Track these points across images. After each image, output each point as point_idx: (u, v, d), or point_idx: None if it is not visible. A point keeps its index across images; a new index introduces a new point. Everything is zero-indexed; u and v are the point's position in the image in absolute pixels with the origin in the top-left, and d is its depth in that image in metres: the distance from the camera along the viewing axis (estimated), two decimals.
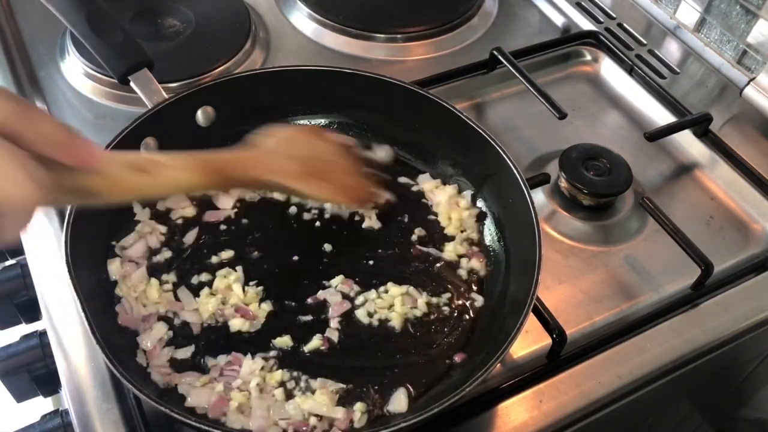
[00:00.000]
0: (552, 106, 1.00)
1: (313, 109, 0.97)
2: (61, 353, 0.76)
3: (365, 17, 1.19)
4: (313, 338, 0.77)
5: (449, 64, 1.12)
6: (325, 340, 0.77)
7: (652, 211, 0.90)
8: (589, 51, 1.18)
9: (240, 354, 0.75)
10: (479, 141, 0.87)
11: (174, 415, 0.64)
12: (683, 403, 1.00)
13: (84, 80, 1.06)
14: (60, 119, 1.01)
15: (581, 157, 0.96)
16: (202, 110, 0.90)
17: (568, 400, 0.76)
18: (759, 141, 1.05)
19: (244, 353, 0.75)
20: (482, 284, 0.84)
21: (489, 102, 1.11)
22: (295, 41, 1.17)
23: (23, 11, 1.17)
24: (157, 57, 0.90)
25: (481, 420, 0.75)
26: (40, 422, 0.77)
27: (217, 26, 1.14)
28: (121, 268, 0.80)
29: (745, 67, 1.13)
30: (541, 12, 1.27)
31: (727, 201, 0.99)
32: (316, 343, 0.77)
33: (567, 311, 0.84)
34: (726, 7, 1.12)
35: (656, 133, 1.01)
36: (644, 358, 0.80)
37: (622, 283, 0.89)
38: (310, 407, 0.71)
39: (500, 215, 0.87)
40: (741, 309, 0.86)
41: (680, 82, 1.14)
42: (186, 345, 0.76)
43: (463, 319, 0.81)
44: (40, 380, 0.82)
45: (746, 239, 0.95)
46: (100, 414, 0.72)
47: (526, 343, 0.81)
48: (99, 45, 0.87)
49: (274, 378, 0.73)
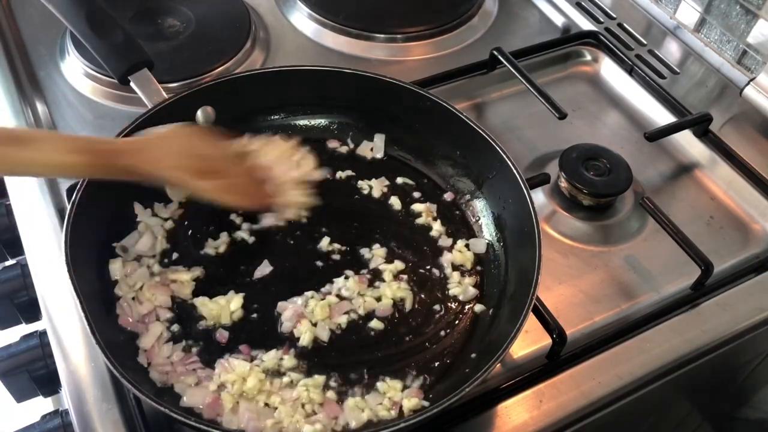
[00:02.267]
0: (552, 106, 1.00)
1: (313, 109, 0.97)
2: (61, 353, 0.76)
3: (365, 17, 1.19)
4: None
5: (449, 64, 1.12)
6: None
7: (652, 211, 0.90)
8: (589, 51, 1.18)
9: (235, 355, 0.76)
10: (479, 141, 0.87)
11: (173, 416, 0.64)
12: (683, 403, 1.00)
13: (84, 80, 1.06)
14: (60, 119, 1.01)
15: (581, 157, 0.96)
16: (202, 110, 0.90)
17: (568, 400, 0.76)
18: (759, 141, 1.05)
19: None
20: (482, 284, 0.84)
21: (489, 102, 1.11)
22: (295, 41, 1.17)
23: (23, 11, 1.17)
24: (157, 57, 0.90)
25: (481, 420, 0.75)
26: (40, 422, 0.77)
27: (217, 26, 1.14)
28: (123, 268, 0.80)
29: (745, 67, 1.13)
30: (541, 12, 1.27)
31: (727, 201, 0.99)
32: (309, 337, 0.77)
33: (567, 311, 0.84)
34: (726, 7, 1.12)
35: (656, 133, 1.01)
36: (644, 358, 0.80)
37: (622, 283, 0.89)
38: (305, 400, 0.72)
39: (500, 215, 0.87)
40: (741, 309, 0.86)
41: (680, 82, 1.14)
42: (182, 342, 0.76)
43: (463, 319, 0.81)
44: (40, 380, 0.82)
45: (746, 239, 0.95)
46: (100, 414, 0.72)
47: (526, 343, 0.81)
48: (99, 45, 0.87)
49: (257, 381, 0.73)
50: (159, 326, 0.77)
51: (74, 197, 0.76)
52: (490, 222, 0.88)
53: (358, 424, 0.71)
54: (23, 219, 0.88)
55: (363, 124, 0.96)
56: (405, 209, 0.90)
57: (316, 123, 0.97)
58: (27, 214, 0.89)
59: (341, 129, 0.97)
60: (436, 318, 0.81)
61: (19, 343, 0.82)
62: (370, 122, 0.96)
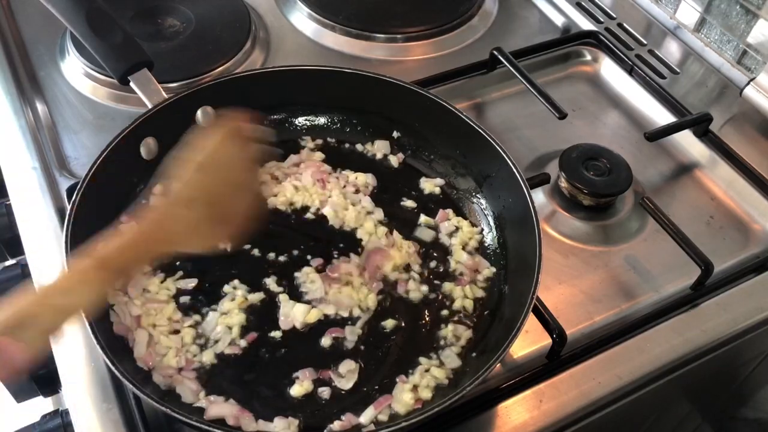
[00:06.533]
0: (552, 106, 1.00)
1: (313, 109, 0.97)
2: (61, 353, 0.76)
3: (365, 17, 1.19)
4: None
5: (449, 64, 1.12)
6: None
7: (652, 211, 0.90)
8: (589, 51, 1.18)
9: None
10: (479, 141, 0.87)
11: (174, 415, 0.63)
12: (683, 403, 1.00)
13: (84, 80, 1.06)
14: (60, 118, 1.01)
15: (581, 157, 0.96)
16: (202, 110, 0.90)
17: (568, 400, 0.76)
18: (759, 141, 1.05)
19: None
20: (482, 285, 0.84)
21: (489, 102, 1.11)
22: (295, 41, 1.17)
23: (23, 11, 1.17)
24: (157, 57, 0.90)
25: (481, 420, 0.75)
26: (40, 422, 0.77)
27: (217, 26, 1.14)
28: None
29: (745, 67, 1.13)
30: (541, 12, 1.27)
31: (727, 201, 0.99)
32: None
33: (567, 311, 0.84)
34: (726, 7, 1.12)
35: (656, 133, 1.01)
36: (644, 358, 0.80)
37: (622, 283, 0.89)
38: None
39: (500, 215, 0.87)
40: (741, 309, 0.86)
41: (680, 82, 1.14)
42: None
43: (463, 320, 0.81)
44: (40, 380, 0.82)
45: (746, 239, 0.95)
46: (100, 414, 0.72)
47: (526, 343, 0.81)
48: (99, 45, 0.87)
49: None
50: (144, 333, 0.75)
51: (74, 197, 0.76)
52: (491, 222, 0.88)
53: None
54: (23, 219, 0.88)
55: (363, 123, 0.96)
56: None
57: (316, 123, 0.97)
58: (27, 214, 0.89)
59: (341, 129, 0.97)
60: (435, 319, 0.81)
61: None
62: (370, 122, 0.96)
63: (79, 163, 0.95)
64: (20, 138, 0.97)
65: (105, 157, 0.80)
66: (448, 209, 0.89)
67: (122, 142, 0.82)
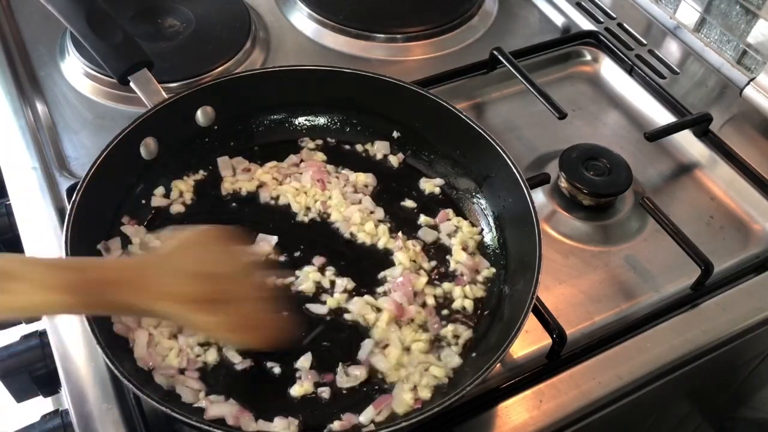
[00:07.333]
0: (552, 106, 1.00)
1: (313, 109, 0.97)
2: (61, 353, 0.76)
3: (365, 17, 1.19)
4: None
5: (449, 64, 1.12)
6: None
7: (652, 211, 0.90)
8: (589, 51, 1.18)
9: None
10: (479, 141, 0.87)
11: (174, 415, 0.63)
12: (683, 403, 1.00)
13: (84, 80, 1.06)
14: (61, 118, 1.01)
15: (581, 157, 0.96)
16: (202, 110, 0.90)
17: (568, 400, 0.76)
18: (759, 141, 1.05)
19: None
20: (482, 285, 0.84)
21: (489, 102, 1.11)
22: (295, 41, 1.17)
23: (23, 11, 1.17)
24: (157, 57, 0.90)
25: (481, 420, 0.75)
26: (40, 422, 0.76)
27: (217, 26, 1.14)
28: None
29: (745, 67, 1.13)
30: (541, 12, 1.27)
31: (727, 201, 0.99)
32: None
33: (567, 311, 0.84)
34: (726, 7, 1.12)
35: (656, 133, 1.01)
36: (644, 358, 0.80)
37: (622, 283, 0.89)
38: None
39: (500, 215, 0.87)
40: (741, 309, 0.86)
41: (680, 82, 1.14)
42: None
43: (463, 320, 0.81)
44: (40, 380, 0.82)
45: (746, 239, 0.95)
46: (100, 414, 0.72)
47: (526, 343, 0.81)
48: (99, 45, 0.87)
49: None
50: (144, 333, 0.75)
51: (74, 197, 0.76)
52: (491, 222, 0.88)
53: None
54: (23, 219, 0.88)
55: (363, 123, 0.96)
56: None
57: (316, 122, 0.97)
58: (27, 214, 0.89)
59: (341, 129, 0.97)
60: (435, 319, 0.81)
61: (20, 343, 0.82)
62: (370, 122, 0.96)
63: (79, 163, 0.95)
64: (20, 138, 0.97)
65: (105, 157, 0.80)
66: (448, 209, 0.90)
67: (122, 142, 0.82)
